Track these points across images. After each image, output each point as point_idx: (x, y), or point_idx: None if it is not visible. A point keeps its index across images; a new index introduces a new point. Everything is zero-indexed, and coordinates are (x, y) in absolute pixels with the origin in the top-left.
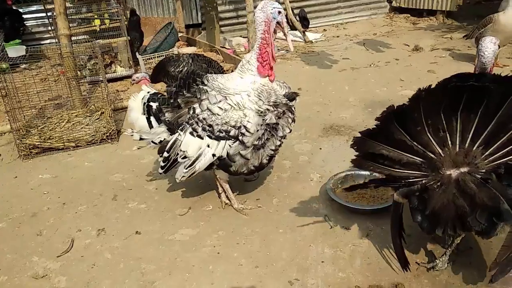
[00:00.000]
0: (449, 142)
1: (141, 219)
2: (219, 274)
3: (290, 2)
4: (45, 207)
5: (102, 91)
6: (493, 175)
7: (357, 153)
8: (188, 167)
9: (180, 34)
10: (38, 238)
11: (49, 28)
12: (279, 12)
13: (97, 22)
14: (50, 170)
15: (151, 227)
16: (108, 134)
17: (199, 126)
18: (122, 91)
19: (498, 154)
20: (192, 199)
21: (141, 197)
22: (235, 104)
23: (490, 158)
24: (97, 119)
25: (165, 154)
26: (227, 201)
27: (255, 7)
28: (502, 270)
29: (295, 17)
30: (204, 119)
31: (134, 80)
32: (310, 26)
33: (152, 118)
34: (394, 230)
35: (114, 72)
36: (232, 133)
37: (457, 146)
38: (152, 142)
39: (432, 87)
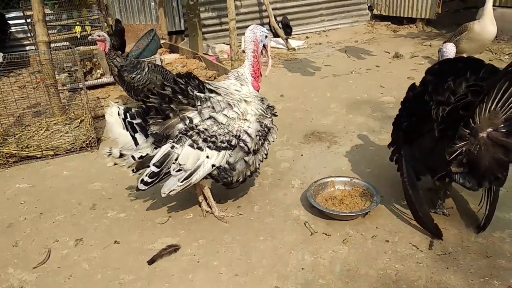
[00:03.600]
0: (483, 111)
1: (121, 228)
2: (199, 283)
3: (273, 9)
4: (22, 217)
5: (81, 99)
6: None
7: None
8: (184, 180)
9: (162, 41)
10: (14, 249)
11: (29, 34)
12: (266, 37)
13: (78, 29)
14: (28, 179)
15: (130, 236)
16: (88, 142)
17: (200, 137)
18: (103, 98)
19: (506, 110)
20: (172, 208)
21: (121, 206)
22: (241, 113)
23: (504, 115)
24: (76, 126)
25: (154, 169)
26: (208, 209)
27: (237, 15)
28: (488, 219)
29: (278, 24)
30: (205, 129)
31: (99, 35)
32: (292, 33)
33: (137, 135)
34: (419, 205)
35: (97, 79)
36: (233, 143)
37: (487, 112)
38: (132, 157)
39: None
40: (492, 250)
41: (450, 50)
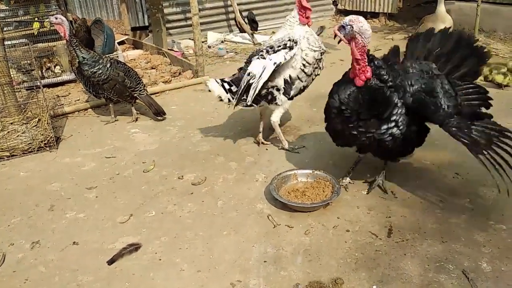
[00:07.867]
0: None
1: (80, 229)
2: (160, 281)
3: (238, 4)
4: None
5: (37, 97)
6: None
7: None
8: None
9: (126, 37)
10: None
11: None
12: None
13: (36, 25)
14: None
15: (89, 236)
16: (46, 142)
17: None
18: (63, 96)
19: None
20: (134, 206)
21: (80, 206)
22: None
23: None
24: (34, 126)
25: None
26: (263, 141)
27: (202, 10)
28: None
29: (244, 20)
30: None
31: (56, 18)
32: (259, 28)
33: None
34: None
35: (56, 77)
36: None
37: None
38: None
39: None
40: (447, 235)
41: (368, 27)
